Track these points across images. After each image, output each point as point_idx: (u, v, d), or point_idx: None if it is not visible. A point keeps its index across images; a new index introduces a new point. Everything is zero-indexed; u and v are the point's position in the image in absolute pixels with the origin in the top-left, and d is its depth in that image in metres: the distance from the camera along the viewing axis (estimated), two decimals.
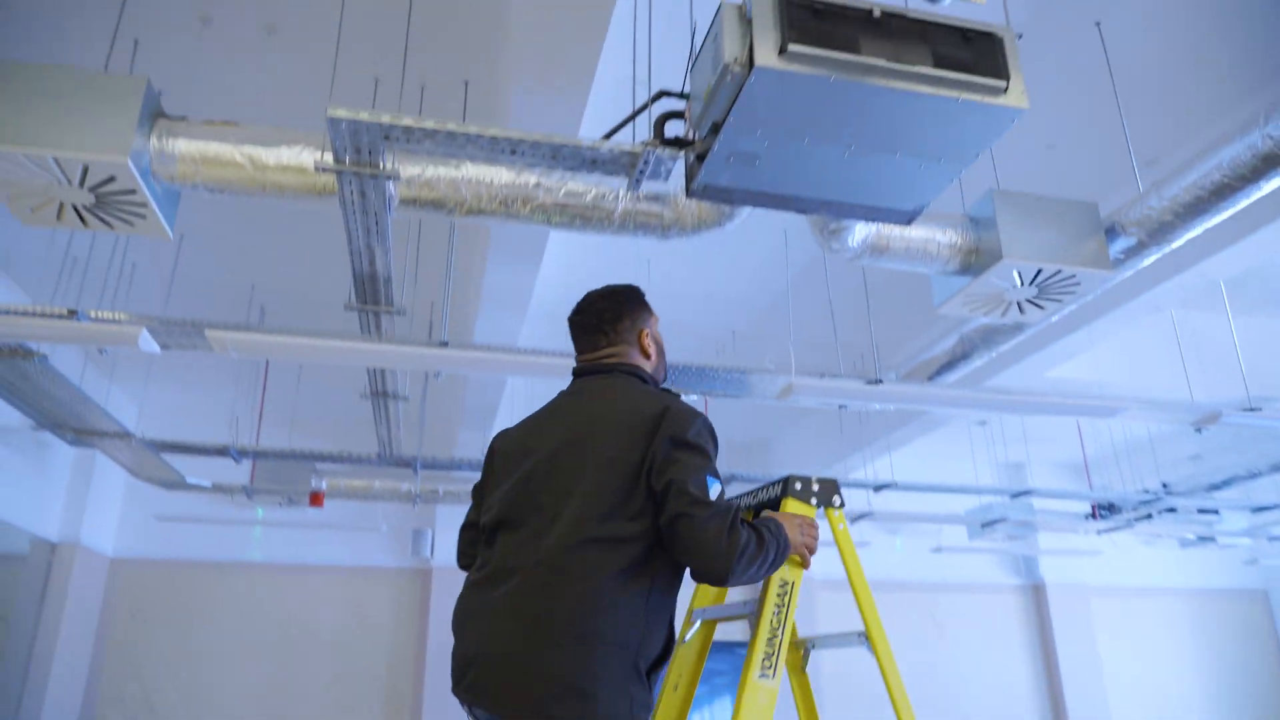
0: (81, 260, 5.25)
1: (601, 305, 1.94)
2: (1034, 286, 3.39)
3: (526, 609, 1.56)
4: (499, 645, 1.56)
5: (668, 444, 1.62)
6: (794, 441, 9.09)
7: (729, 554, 1.54)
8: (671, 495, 1.57)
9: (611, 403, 1.76)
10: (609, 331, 1.90)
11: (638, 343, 1.92)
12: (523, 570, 1.60)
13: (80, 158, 2.51)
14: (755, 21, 2.25)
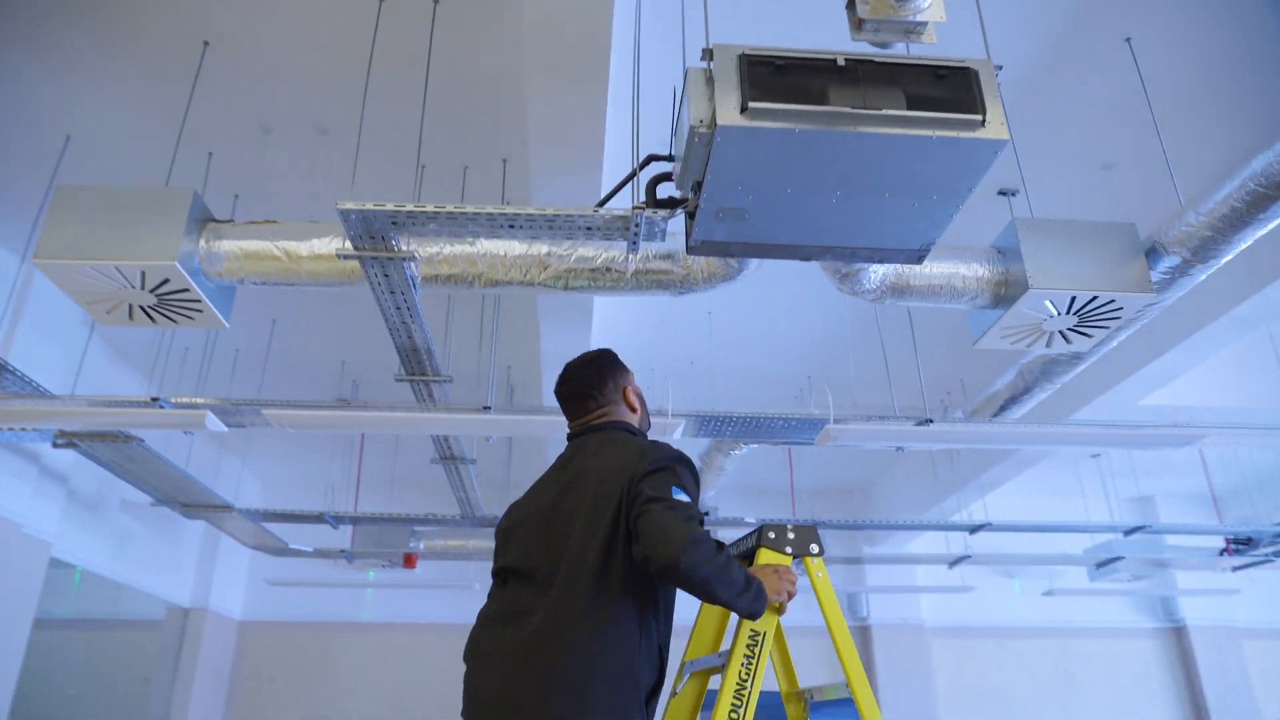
0: (193, 349, 5.80)
1: (585, 374, 2.05)
2: (1073, 315, 3.25)
3: (534, 655, 1.65)
4: (508, 688, 1.65)
5: (641, 477, 1.73)
6: (893, 485, 8.82)
7: (679, 541, 1.59)
8: (637, 505, 1.68)
9: (601, 456, 1.87)
10: (596, 395, 2.02)
11: (623, 400, 2.05)
12: (529, 617, 1.70)
13: (137, 265, 2.83)
14: (718, 82, 2.32)
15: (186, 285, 2.95)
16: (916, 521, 6.75)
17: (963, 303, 3.32)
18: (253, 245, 3.03)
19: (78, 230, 2.83)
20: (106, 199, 2.90)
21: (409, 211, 2.65)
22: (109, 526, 6.32)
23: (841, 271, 3.19)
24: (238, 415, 3.80)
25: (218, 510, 5.60)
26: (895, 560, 7.77)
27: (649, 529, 1.64)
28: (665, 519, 1.64)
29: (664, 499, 1.67)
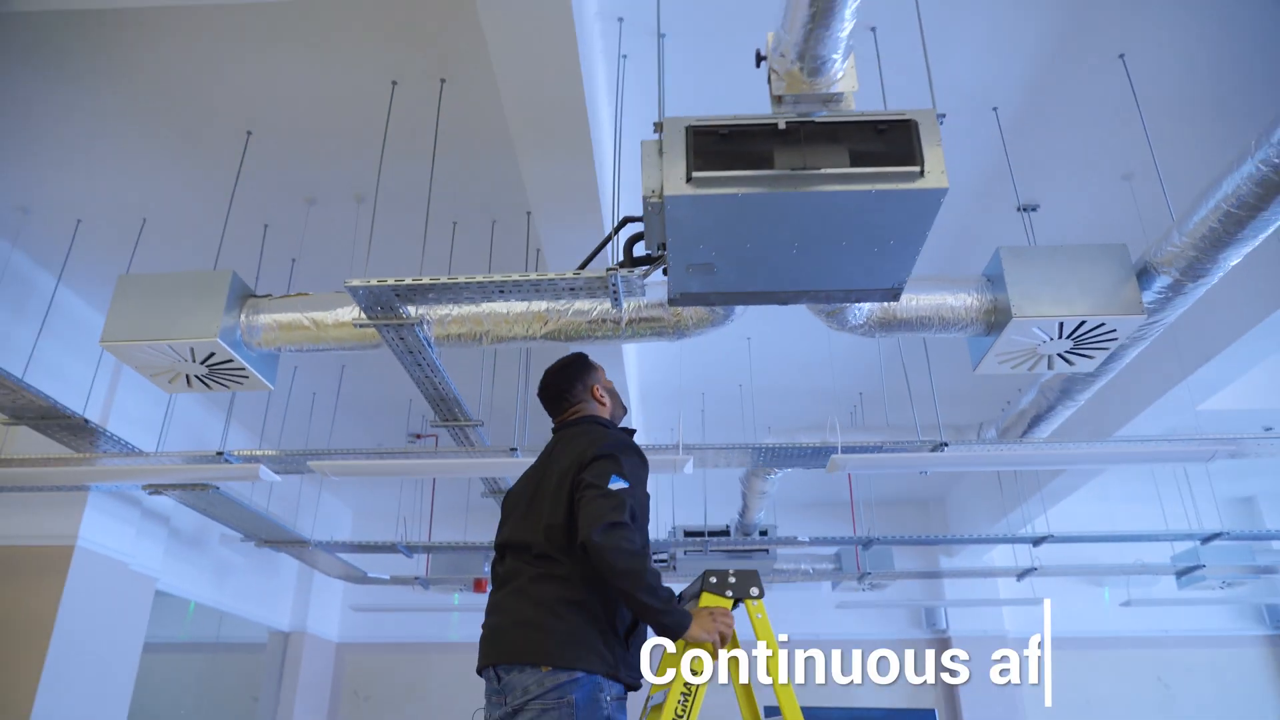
0: (277, 395, 6.31)
1: (558, 379, 2.35)
2: (1067, 339, 3.27)
3: (519, 601, 1.98)
4: (501, 632, 1.98)
5: (587, 463, 2.00)
6: (965, 497, 8.68)
7: (598, 517, 1.85)
8: (578, 491, 1.95)
9: (569, 446, 2.13)
10: (568, 395, 2.32)
11: (593, 397, 2.33)
12: (516, 578, 2.02)
13: (186, 342, 3.21)
14: (667, 153, 2.50)
15: (230, 356, 3.33)
16: (978, 535, 6.67)
17: (954, 332, 3.38)
18: (286, 317, 3.38)
19: (135, 314, 3.24)
20: (159, 284, 3.31)
21: (408, 285, 2.94)
22: (210, 560, 6.92)
23: (826, 310, 3.31)
24: (289, 464, 4.20)
25: (295, 544, 6.08)
26: (969, 574, 7.64)
27: (580, 513, 1.90)
28: (594, 505, 1.88)
29: (598, 486, 1.91)
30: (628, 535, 1.86)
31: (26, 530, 5.03)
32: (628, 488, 1.95)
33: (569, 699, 1.84)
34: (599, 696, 1.88)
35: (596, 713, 1.87)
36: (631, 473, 2.01)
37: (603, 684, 1.90)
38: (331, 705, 8.67)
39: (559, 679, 1.85)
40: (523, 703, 1.87)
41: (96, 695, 5.14)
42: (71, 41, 3.38)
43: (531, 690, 1.86)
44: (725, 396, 6.65)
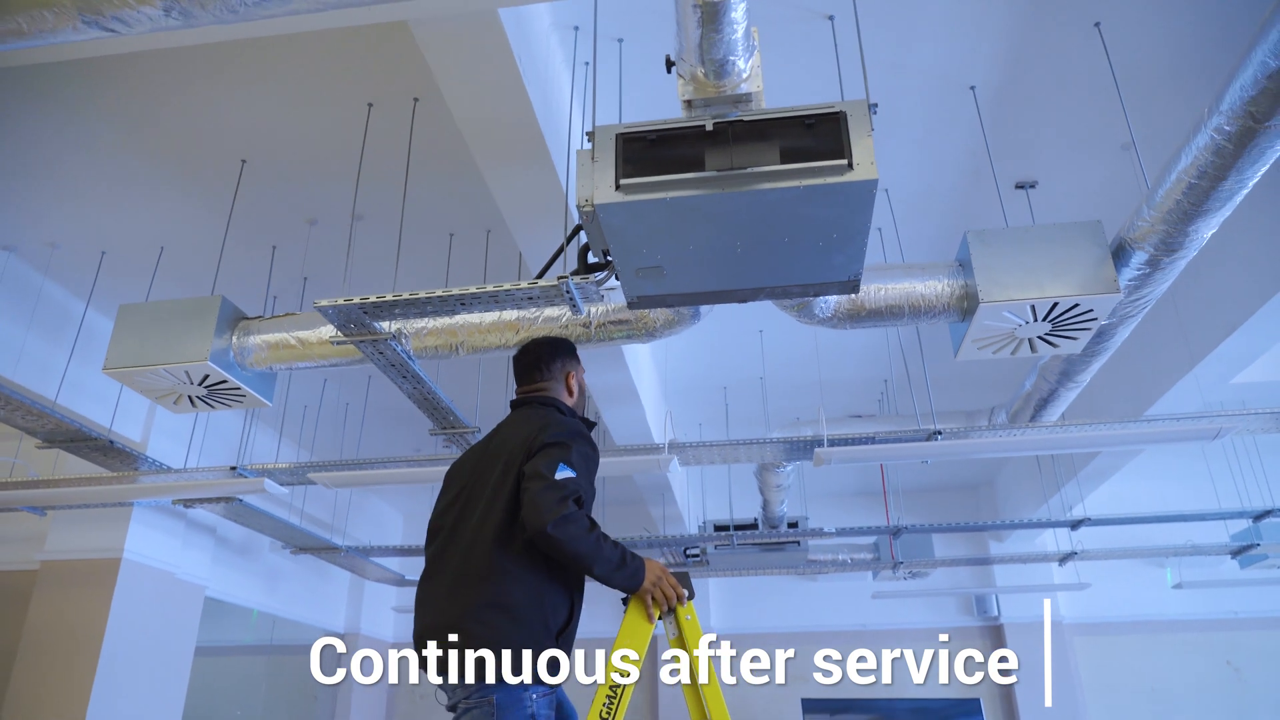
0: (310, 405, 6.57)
1: (539, 349, 2.37)
2: (1045, 322, 3.19)
3: (447, 604, 1.97)
4: (434, 626, 1.96)
5: (535, 450, 2.01)
6: (1010, 481, 8.46)
7: (549, 515, 1.85)
8: (524, 480, 1.95)
9: (519, 426, 2.16)
10: (542, 369, 2.34)
11: (564, 383, 2.35)
12: (451, 565, 2.01)
13: (180, 365, 3.39)
14: (598, 162, 2.54)
15: (224, 377, 3.50)
16: (1016, 520, 6.50)
17: (928, 320, 3.33)
18: (274, 337, 3.54)
19: (134, 341, 3.44)
20: (155, 312, 3.50)
21: (373, 302, 3.04)
22: (261, 566, 7.23)
23: (790, 305, 3.30)
24: (297, 476, 4.39)
25: (329, 550, 6.31)
26: (1010, 560, 7.44)
27: (525, 502, 1.91)
28: (540, 496, 1.89)
29: (544, 477, 1.92)
30: (578, 522, 1.89)
31: (76, 545, 5.37)
32: (574, 476, 1.97)
33: (490, 699, 1.89)
34: (522, 696, 1.92)
35: (520, 712, 1.91)
36: (580, 461, 2.02)
37: (528, 687, 1.93)
38: (389, 704, 8.97)
39: (485, 689, 1.90)
40: (455, 703, 1.96)
41: (149, 700, 5.45)
42: (82, 88, 3.59)
43: (459, 693, 1.94)
44: (747, 390, 6.64)
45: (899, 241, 4.52)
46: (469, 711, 1.91)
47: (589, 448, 2.11)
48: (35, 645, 5.16)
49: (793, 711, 8.37)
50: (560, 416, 2.18)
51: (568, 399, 2.34)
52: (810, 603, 8.88)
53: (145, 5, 1.77)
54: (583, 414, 2.39)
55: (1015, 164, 4.24)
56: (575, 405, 2.36)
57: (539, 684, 1.96)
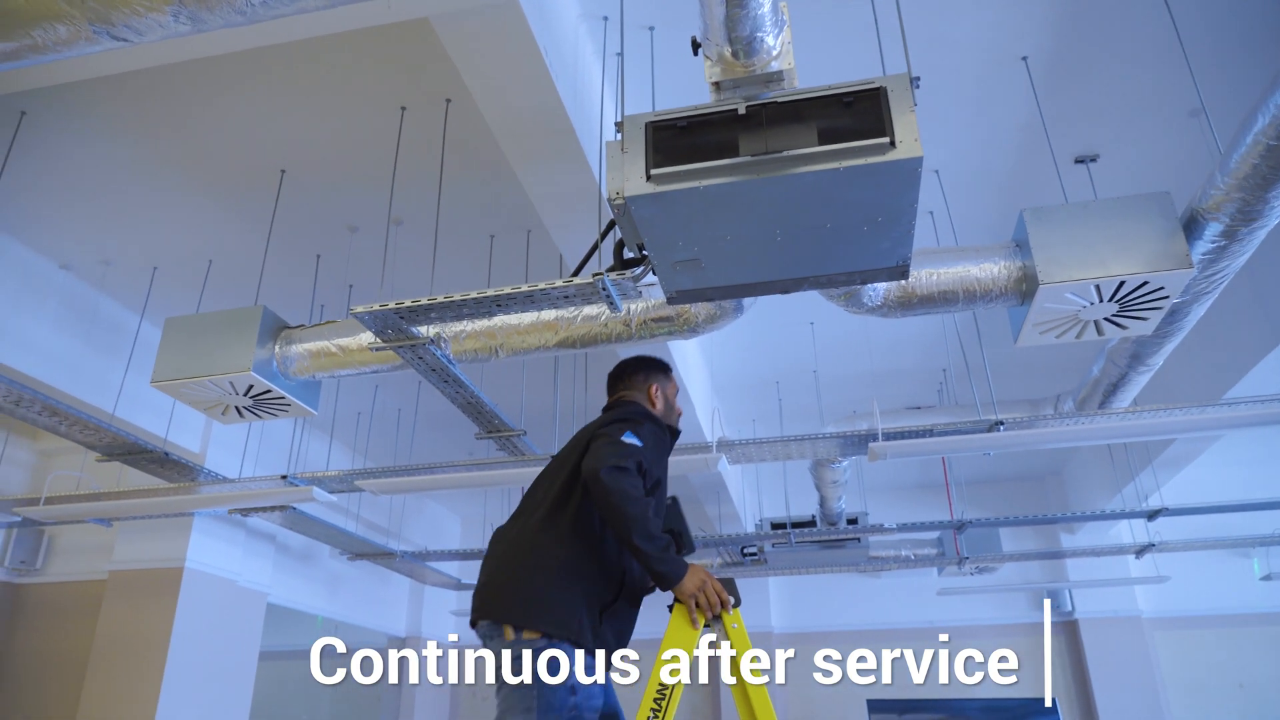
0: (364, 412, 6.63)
1: (626, 365, 2.40)
2: (1111, 303, 3.00)
3: (499, 560, 2.02)
4: (487, 578, 2.01)
5: (603, 425, 2.05)
6: (1080, 471, 8.13)
7: (608, 458, 1.88)
8: (590, 448, 1.97)
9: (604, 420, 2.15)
10: (625, 380, 2.36)
11: (646, 394, 2.33)
12: (510, 535, 2.06)
13: (223, 377, 3.41)
14: (628, 153, 2.44)
15: (268, 387, 3.51)
16: (1086, 512, 6.22)
17: (984, 304, 3.16)
18: (315, 345, 3.53)
19: (180, 354, 3.47)
20: (200, 324, 3.52)
21: (409, 307, 3.00)
22: (322, 573, 7.33)
23: (837, 294, 3.16)
24: (345, 483, 4.39)
25: (383, 556, 6.35)
26: (1082, 554, 7.11)
27: (589, 452, 1.94)
28: (604, 447, 1.92)
29: (610, 437, 1.95)
30: (632, 480, 1.88)
31: (141, 555, 5.49)
32: (640, 446, 1.96)
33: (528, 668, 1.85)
34: (559, 666, 1.86)
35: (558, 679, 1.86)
36: (648, 436, 2.03)
37: (565, 649, 1.88)
38: (452, 705, 9.03)
39: (520, 648, 1.86)
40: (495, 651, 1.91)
41: (215, 704, 5.55)
42: (122, 105, 3.63)
43: (496, 645, 1.90)
44: (800, 384, 6.48)
45: (952, 224, 4.33)
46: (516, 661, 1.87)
47: (660, 429, 2.13)
48: (106, 652, 5.29)
49: (858, 712, 8.16)
50: (633, 408, 2.19)
51: (650, 407, 2.30)
52: (874, 601, 8.66)
53: (152, 12, 1.74)
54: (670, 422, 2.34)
55: (1074, 137, 4.02)
56: (661, 415, 2.31)
57: (577, 647, 1.90)
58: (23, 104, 3.63)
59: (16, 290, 4.50)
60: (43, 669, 5.72)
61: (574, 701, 1.86)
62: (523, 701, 1.83)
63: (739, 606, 2.19)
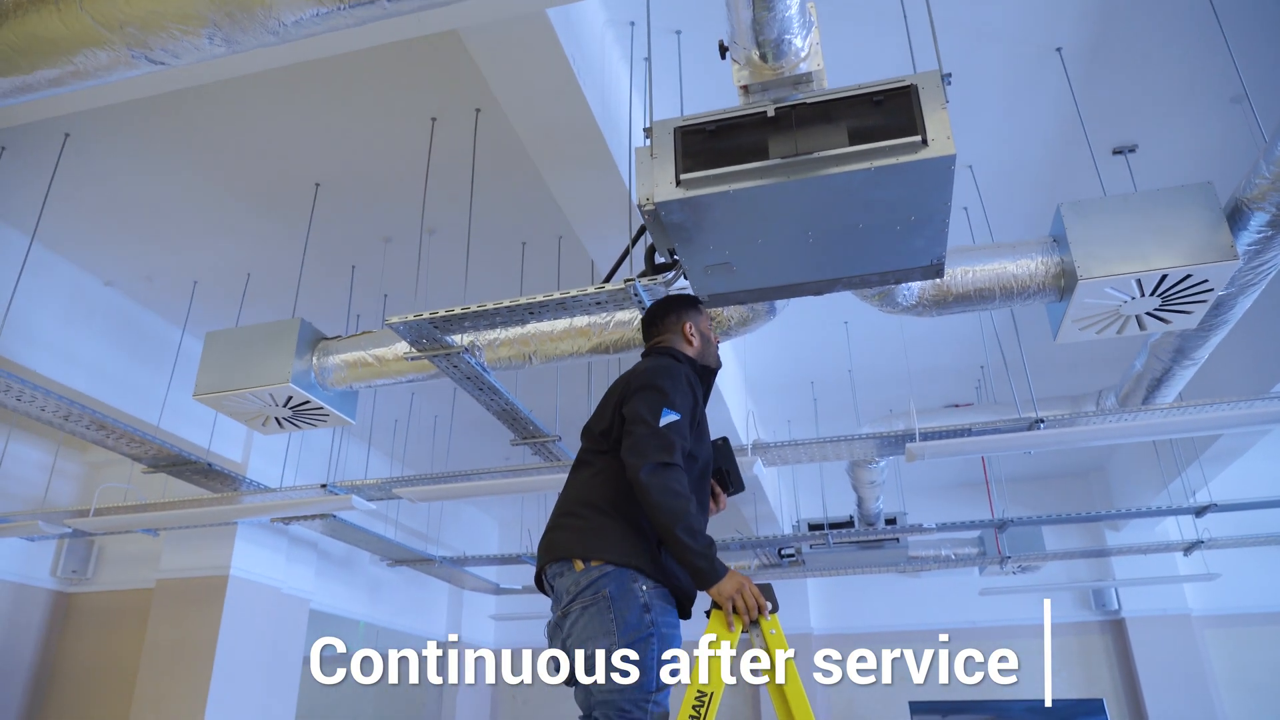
0: (401, 420, 6.70)
1: (655, 308, 2.39)
2: (1154, 297, 2.93)
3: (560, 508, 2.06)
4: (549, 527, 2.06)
5: (635, 390, 2.03)
6: (1124, 466, 7.97)
7: (650, 453, 1.88)
8: (627, 424, 1.98)
9: (636, 372, 2.16)
10: (659, 324, 2.34)
11: (681, 333, 2.30)
12: (569, 481, 2.11)
13: (263, 389, 3.46)
14: (658, 158, 2.45)
15: (306, 398, 3.56)
16: (1131, 509, 6.09)
17: (1021, 301, 3.11)
18: (352, 356, 3.58)
19: (220, 368, 3.53)
20: (240, 338, 3.58)
21: (443, 316, 3.03)
22: (363, 579, 7.42)
23: (870, 294, 3.13)
24: (383, 491, 4.44)
25: (416, 562, 6.42)
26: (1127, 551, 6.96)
27: (627, 446, 1.92)
28: (644, 442, 1.90)
29: (647, 422, 1.93)
30: (675, 477, 1.88)
31: (188, 563, 5.60)
32: (679, 420, 1.96)
33: (604, 593, 1.88)
34: (632, 586, 1.89)
35: (632, 601, 1.89)
36: (684, 397, 2.02)
37: (634, 574, 1.91)
38: (494, 706, 9.09)
39: (591, 575, 1.90)
40: (566, 606, 1.94)
41: (262, 708, 5.64)
42: (160, 124, 3.71)
43: (570, 591, 1.92)
44: (837, 384, 6.43)
45: (987, 220, 4.27)
46: (585, 610, 1.89)
47: (696, 376, 2.13)
48: (155, 659, 5.40)
49: (900, 713, 8.07)
50: (664, 361, 2.16)
51: (687, 348, 2.29)
52: (915, 601, 8.56)
53: (188, 36, 1.77)
54: (708, 361, 2.33)
55: (1111, 128, 3.95)
56: (698, 353, 2.31)
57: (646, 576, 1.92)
58: (66, 126, 3.73)
59: (65, 308, 4.62)
60: (95, 676, 5.86)
61: (650, 618, 1.89)
62: (602, 625, 1.86)
63: (776, 612, 2.18)
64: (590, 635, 1.89)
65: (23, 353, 4.30)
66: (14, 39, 1.79)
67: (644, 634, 1.89)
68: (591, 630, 1.89)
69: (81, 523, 4.66)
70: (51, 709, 5.86)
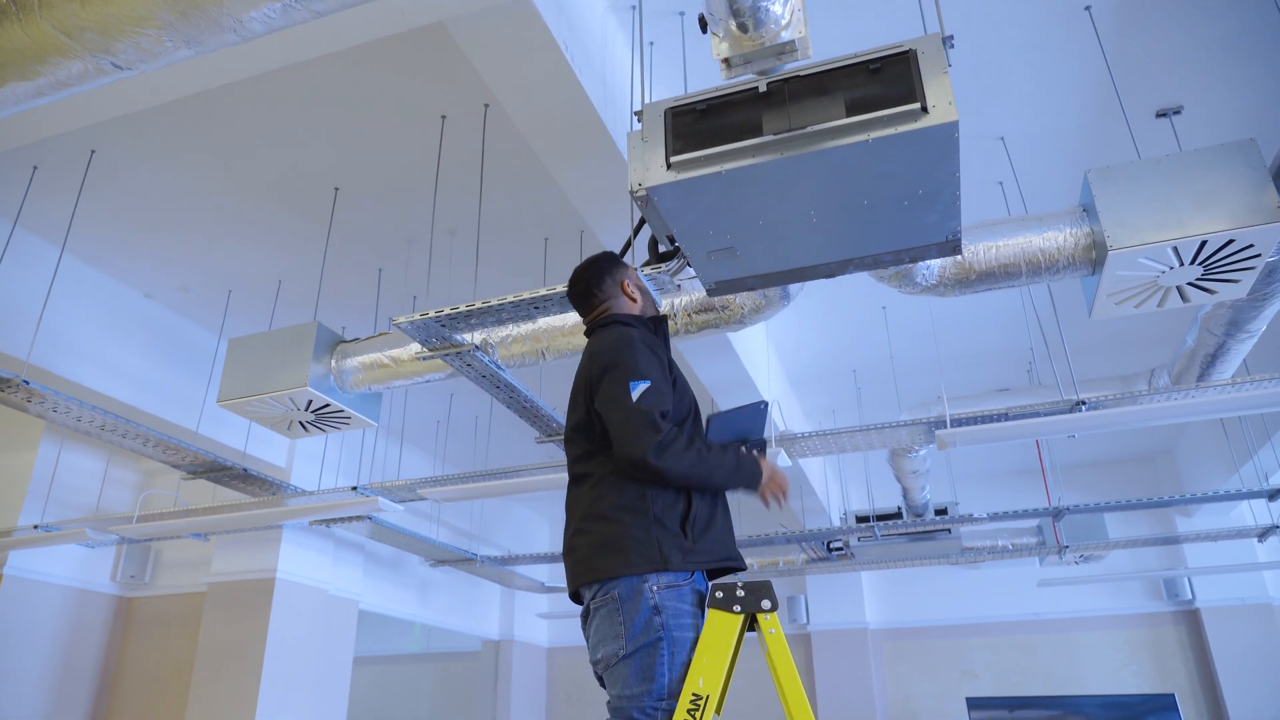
0: (442, 421, 6.75)
1: (586, 274, 2.26)
2: (1195, 265, 2.74)
3: (571, 516, 2.01)
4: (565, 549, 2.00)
5: (597, 380, 1.96)
6: (1193, 448, 7.57)
7: (642, 439, 1.80)
8: (605, 417, 1.91)
9: (590, 354, 2.10)
10: (596, 292, 2.23)
11: (623, 293, 2.24)
12: (571, 497, 2.04)
13: (283, 393, 3.49)
14: (649, 142, 2.37)
15: (326, 401, 3.57)
16: (1200, 494, 5.76)
17: (1050, 277, 2.94)
18: (369, 358, 3.58)
19: (242, 373, 3.57)
20: (260, 344, 3.62)
21: (449, 314, 3.00)
22: (413, 579, 7.50)
23: (888, 275, 3.00)
24: (410, 493, 4.45)
25: (458, 562, 6.44)
26: (1209, 537, 6.59)
27: (615, 439, 1.85)
28: (626, 427, 1.83)
29: (620, 404, 1.86)
30: (675, 445, 1.83)
31: (237, 567, 5.72)
32: (649, 386, 1.89)
33: (612, 595, 1.86)
34: (642, 588, 1.85)
35: (641, 603, 1.84)
36: (646, 367, 1.94)
37: (644, 576, 1.85)
38: (549, 706, 9.11)
39: (606, 587, 1.87)
40: (585, 606, 1.95)
41: (313, 708, 5.73)
42: (184, 133, 3.76)
43: (591, 593, 1.91)
44: (879, 371, 6.25)
45: (1021, 195, 4.08)
46: (598, 611, 1.88)
47: (645, 349, 2.00)
48: (208, 660, 5.53)
49: (958, 709, 7.83)
50: (612, 334, 2.07)
51: (632, 307, 2.23)
52: (973, 593, 8.28)
53: (146, 39, 1.75)
54: (652, 311, 2.29)
55: (1152, 89, 3.72)
56: (643, 308, 2.25)
57: (664, 571, 1.86)
58: (91, 142, 3.81)
59: (106, 320, 4.74)
60: (154, 676, 6.03)
61: (659, 621, 1.84)
62: (612, 628, 1.84)
63: (775, 610, 2.09)
64: (601, 638, 1.87)
65: (65, 365, 4.43)
66: None
67: (652, 638, 1.84)
68: (602, 633, 1.87)
69: (126, 529, 4.78)
70: (115, 710, 6.06)
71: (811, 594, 8.63)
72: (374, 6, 2.54)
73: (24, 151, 3.82)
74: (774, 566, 7.48)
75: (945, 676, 8.03)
